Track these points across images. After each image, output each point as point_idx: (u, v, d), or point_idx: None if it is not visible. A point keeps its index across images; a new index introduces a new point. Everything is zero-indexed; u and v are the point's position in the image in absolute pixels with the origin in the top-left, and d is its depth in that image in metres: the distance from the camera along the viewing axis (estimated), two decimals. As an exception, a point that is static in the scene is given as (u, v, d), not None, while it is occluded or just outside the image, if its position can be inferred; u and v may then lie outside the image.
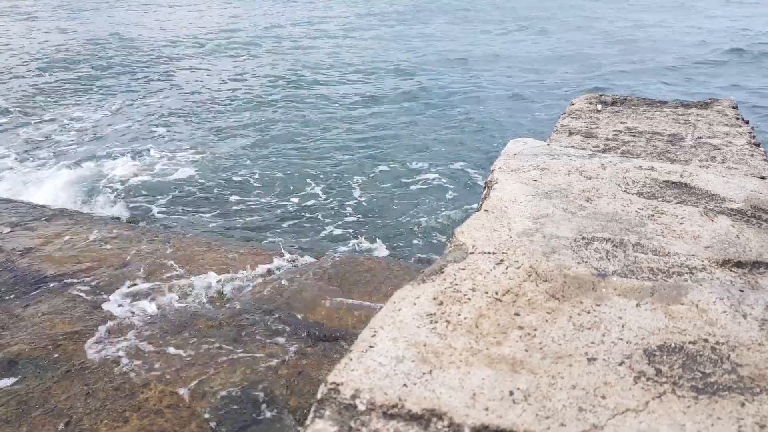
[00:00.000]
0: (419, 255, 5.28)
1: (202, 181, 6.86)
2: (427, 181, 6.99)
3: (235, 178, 6.98)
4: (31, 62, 12.76)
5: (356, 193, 6.65)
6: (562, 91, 10.89)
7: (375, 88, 11.24)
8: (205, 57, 13.51)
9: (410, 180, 7.05)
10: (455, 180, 7.08)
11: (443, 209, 6.32)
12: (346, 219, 6.02)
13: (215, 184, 6.79)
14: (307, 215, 6.09)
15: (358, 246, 5.45)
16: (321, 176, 7.10)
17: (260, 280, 3.67)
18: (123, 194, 6.40)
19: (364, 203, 6.39)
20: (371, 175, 7.19)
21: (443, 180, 7.06)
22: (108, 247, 4.03)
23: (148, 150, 7.85)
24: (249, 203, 6.33)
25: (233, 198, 6.44)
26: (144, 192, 6.47)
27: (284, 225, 5.86)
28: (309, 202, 6.38)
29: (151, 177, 6.93)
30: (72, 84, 11.19)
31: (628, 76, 11.90)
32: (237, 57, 13.58)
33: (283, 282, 3.63)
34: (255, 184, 6.83)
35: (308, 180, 6.97)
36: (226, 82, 11.43)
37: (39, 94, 10.41)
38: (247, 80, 11.60)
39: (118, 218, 5.37)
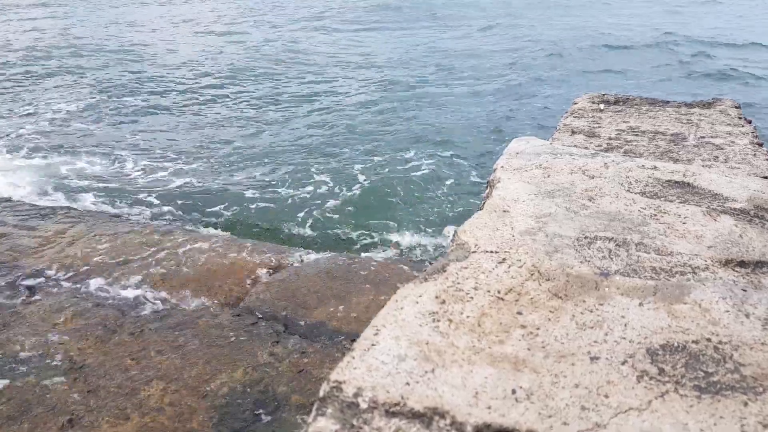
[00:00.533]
0: (421, 254, 5.28)
1: (201, 178, 6.86)
2: (429, 180, 6.99)
3: (234, 176, 6.98)
4: (18, 56, 12.78)
5: (356, 191, 6.65)
6: (564, 89, 10.88)
7: (374, 85, 11.24)
8: (199, 56, 13.49)
9: (411, 178, 7.05)
10: (457, 178, 7.08)
11: (445, 208, 6.32)
12: (347, 218, 6.01)
13: (214, 181, 6.79)
14: (308, 214, 6.09)
15: (360, 245, 5.46)
16: (321, 174, 7.10)
17: (262, 278, 3.67)
18: (123, 191, 6.40)
19: (365, 202, 6.39)
20: (371, 173, 7.19)
21: (444, 179, 7.06)
22: (109, 244, 4.03)
23: (146, 147, 7.86)
24: (249, 201, 6.33)
25: (234, 196, 6.44)
26: (144, 189, 6.48)
27: (285, 224, 5.86)
28: (309, 201, 6.38)
29: (150, 174, 6.94)
30: (63, 79, 11.20)
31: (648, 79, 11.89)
32: (233, 56, 13.57)
33: (285, 281, 3.63)
34: (255, 182, 6.83)
35: (308, 178, 6.97)
36: (222, 81, 11.42)
37: (27, 90, 10.43)
38: (244, 78, 11.60)
39: (119, 215, 5.37)
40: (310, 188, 6.70)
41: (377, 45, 15.04)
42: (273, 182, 6.82)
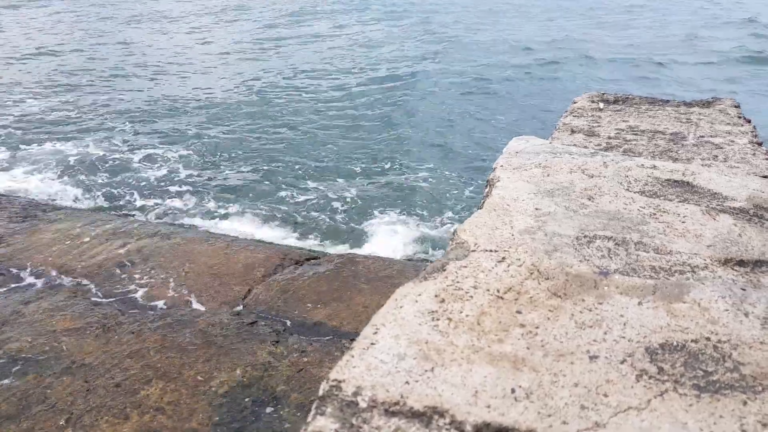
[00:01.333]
0: (420, 253, 5.28)
1: (199, 176, 6.86)
2: (428, 180, 6.99)
3: (233, 173, 6.98)
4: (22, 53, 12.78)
5: (354, 190, 6.65)
6: (563, 87, 10.88)
7: (371, 83, 11.22)
8: (190, 58, 13.45)
9: (409, 177, 7.05)
10: (456, 178, 7.08)
11: (444, 207, 6.32)
12: (345, 218, 6.01)
13: (214, 180, 6.79)
14: (306, 214, 6.09)
15: (359, 244, 5.46)
16: (317, 173, 7.09)
17: (262, 278, 3.67)
18: (123, 188, 6.40)
19: (363, 201, 6.39)
20: (368, 171, 7.19)
21: (443, 178, 7.06)
22: (109, 242, 4.03)
23: (136, 145, 7.84)
24: (246, 200, 6.33)
25: (234, 195, 6.44)
26: (144, 186, 6.47)
27: (283, 224, 5.86)
28: (307, 200, 6.38)
29: (149, 170, 6.93)
30: (64, 73, 11.19)
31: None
32: (227, 56, 13.54)
33: (285, 281, 3.63)
34: (254, 180, 6.83)
35: (305, 177, 6.97)
36: (214, 81, 11.41)
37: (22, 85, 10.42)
38: (236, 78, 11.59)
39: (120, 214, 5.37)
40: (307, 187, 6.69)
41: (370, 44, 15.02)
42: (272, 182, 6.82)
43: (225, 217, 5.92)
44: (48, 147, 7.57)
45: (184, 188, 6.51)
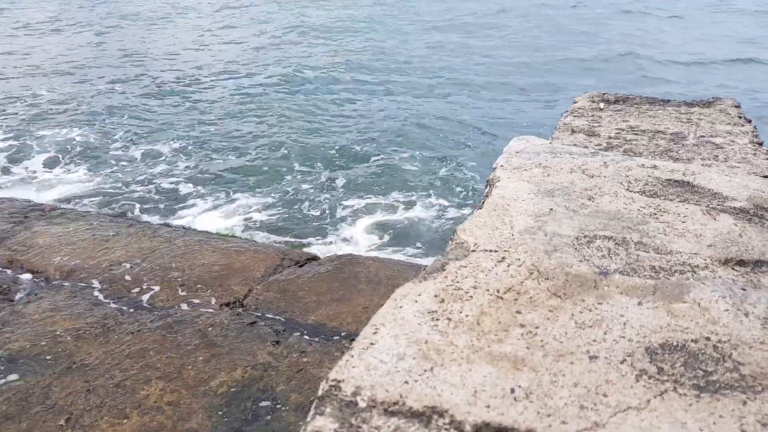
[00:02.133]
0: (420, 253, 5.28)
1: (198, 176, 6.85)
2: (427, 180, 6.98)
3: (230, 174, 6.97)
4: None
5: (353, 190, 6.65)
6: (561, 88, 10.88)
7: (371, 81, 11.21)
8: (188, 54, 13.44)
9: (409, 177, 7.04)
10: (456, 178, 7.07)
11: (443, 207, 6.31)
12: (345, 218, 6.01)
13: (213, 180, 6.78)
14: (305, 214, 6.09)
15: (358, 245, 5.46)
16: (316, 171, 7.09)
17: (261, 278, 3.67)
18: (120, 189, 6.39)
19: (362, 202, 6.38)
20: (368, 172, 7.19)
21: (443, 178, 7.05)
22: (108, 244, 4.03)
23: (136, 141, 7.84)
24: (243, 200, 6.32)
25: (227, 194, 6.44)
26: (141, 187, 6.47)
27: (284, 225, 5.86)
28: (307, 200, 6.38)
29: (145, 171, 6.93)
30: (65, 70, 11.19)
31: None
32: (222, 53, 13.53)
33: (285, 281, 3.63)
34: (252, 180, 6.82)
35: (304, 176, 6.96)
36: (207, 74, 11.39)
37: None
38: (230, 74, 11.58)
39: (118, 214, 5.37)
40: (307, 184, 6.69)
41: (367, 41, 15.02)
42: (270, 182, 6.82)
43: (225, 216, 5.92)
44: (50, 141, 7.57)
45: (184, 188, 6.51)
